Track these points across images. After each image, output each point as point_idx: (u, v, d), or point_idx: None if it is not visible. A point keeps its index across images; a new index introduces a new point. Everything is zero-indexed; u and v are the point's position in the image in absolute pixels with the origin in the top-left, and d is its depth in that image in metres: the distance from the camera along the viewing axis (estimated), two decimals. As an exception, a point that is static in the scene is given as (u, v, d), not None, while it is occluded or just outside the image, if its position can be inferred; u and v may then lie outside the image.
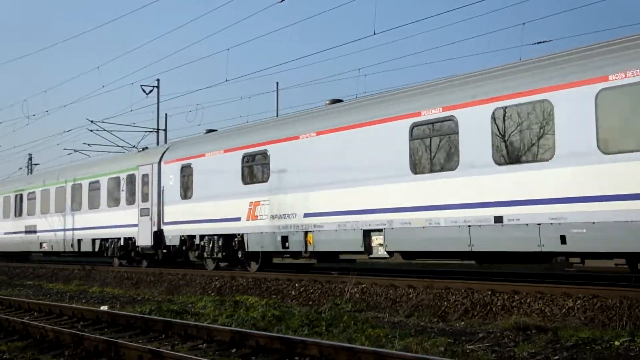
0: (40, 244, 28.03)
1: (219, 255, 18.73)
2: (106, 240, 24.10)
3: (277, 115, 32.98)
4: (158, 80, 37.84)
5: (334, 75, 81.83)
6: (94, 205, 24.71)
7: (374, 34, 18.89)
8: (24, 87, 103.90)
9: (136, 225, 22.02)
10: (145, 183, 21.71)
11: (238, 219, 17.74)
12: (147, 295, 16.97)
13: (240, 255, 18.23)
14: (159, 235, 21.00)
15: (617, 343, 8.38)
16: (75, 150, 38.71)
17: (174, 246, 20.53)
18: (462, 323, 10.88)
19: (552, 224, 11.26)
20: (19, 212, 30.38)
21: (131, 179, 22.57)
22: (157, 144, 36.45)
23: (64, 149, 76.25)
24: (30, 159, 59.13)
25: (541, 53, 12.61)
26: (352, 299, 13.50)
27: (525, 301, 11.34)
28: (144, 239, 21.57)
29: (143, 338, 9.93)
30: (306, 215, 15.87)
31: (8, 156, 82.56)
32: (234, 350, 8.68)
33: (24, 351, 9.17)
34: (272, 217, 16.77)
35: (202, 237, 19.31)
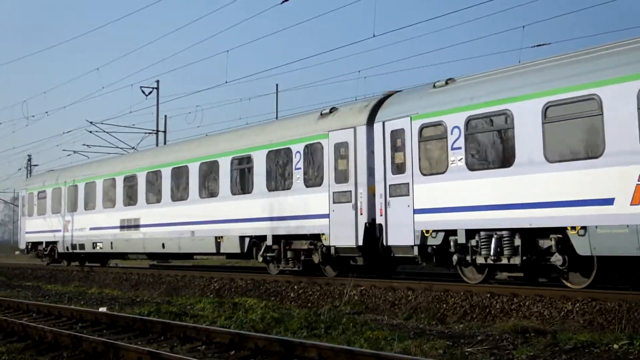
0: None
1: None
2: None
3: (277, 117, 33.58)
4: (158, 81, 37.98)
5: (333, 77, 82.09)
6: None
7: (374, 36, 18.94)
8: (24, 88, 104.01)
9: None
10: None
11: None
12: (146, 297, 16.97)
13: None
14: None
15: (615, 346, 8.38)
16: (75, 152, 38.78)
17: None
18: (461, 326, 10.88)
19: None
20: None
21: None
22: (157, 145, 36.54)
23: (64, 150, 76.01)
24: (29, 159, 59.26)
25: (541, 55, 12.70)
26: (351, 301, 13.49)
27: (524, 304, 11.34)
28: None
29: (142, 340, 9.92)
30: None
31: (7, 157, 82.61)
32: (233, 352, 8.68)
33: (23, 352, 9.16)
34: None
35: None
